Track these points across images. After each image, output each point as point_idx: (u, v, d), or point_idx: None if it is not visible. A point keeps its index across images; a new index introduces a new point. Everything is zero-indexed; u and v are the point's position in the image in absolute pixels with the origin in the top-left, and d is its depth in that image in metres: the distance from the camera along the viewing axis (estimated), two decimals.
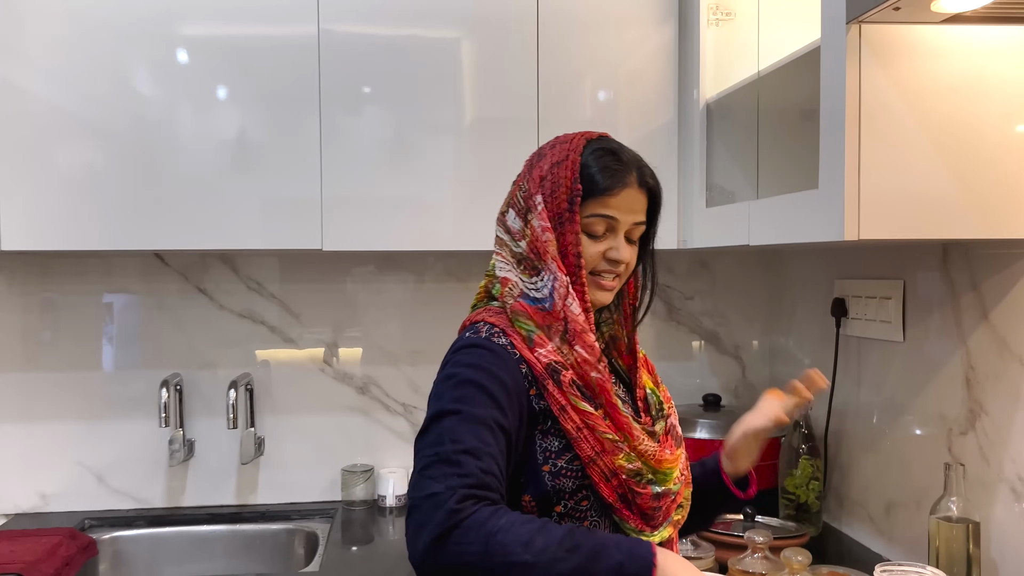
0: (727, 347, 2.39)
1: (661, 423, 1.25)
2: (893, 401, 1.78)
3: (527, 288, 1.20)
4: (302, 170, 1.90)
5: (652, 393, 1.29)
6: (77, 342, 2.18)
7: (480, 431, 1.07)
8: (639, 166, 1.24)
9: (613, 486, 1.15)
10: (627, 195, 1.20)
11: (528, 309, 1.18)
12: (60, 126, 1.83)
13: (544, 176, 1.21)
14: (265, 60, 1.88)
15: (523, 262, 1.21)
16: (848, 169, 1.28)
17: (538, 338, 1.17)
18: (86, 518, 2.12)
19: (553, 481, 1.15)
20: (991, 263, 1.50)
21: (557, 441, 1.15)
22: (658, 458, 1.18)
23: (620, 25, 1.99)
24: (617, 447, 1.15)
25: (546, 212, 1.19)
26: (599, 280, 1.21)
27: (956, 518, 1.46)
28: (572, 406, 1.14)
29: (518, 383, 1.14)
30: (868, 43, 1.27)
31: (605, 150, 1.22)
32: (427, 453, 1.07)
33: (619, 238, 1.21)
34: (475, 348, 1.15)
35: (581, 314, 1.17)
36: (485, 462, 1.05)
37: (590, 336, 1.17)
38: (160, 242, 1.87)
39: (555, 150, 1.23)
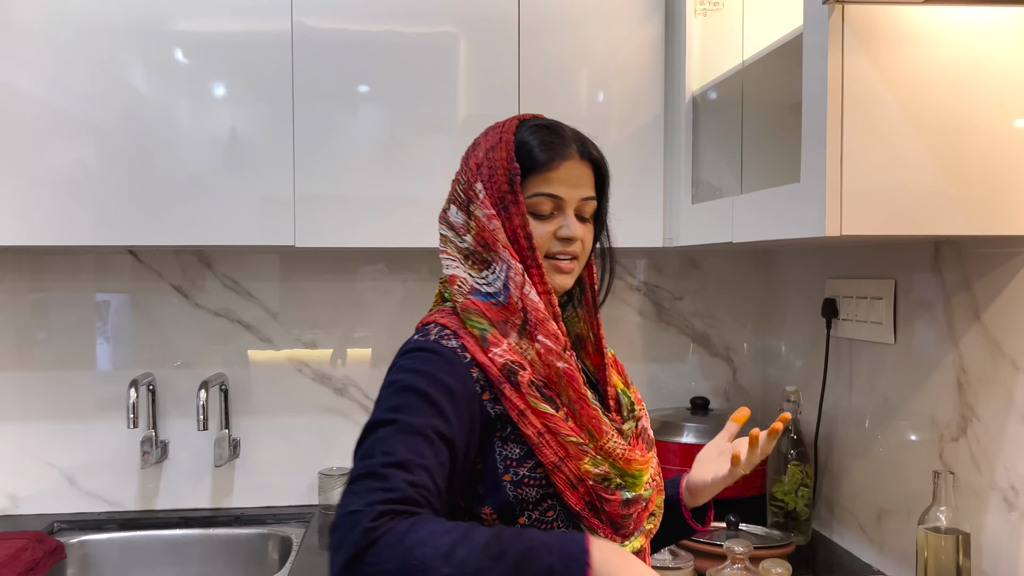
0: (718, 349, 2.33)
1: (631, 423, 1.19)
2: (884, 405, 1.71)
3: (478, 283, 1.13)
4: (278, 166, 1.85)
5: (623, 393, 1.23)
6: (49, 342, 2.13)
7: (415, 442, 1.00)
8: (579, 139, 1.19)
9: (580, 493, 1.09)
10: (569, 169, 1.15)
11: (480, 305, 1.12)
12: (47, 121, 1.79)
13: (480, 163, 1.16)
14: (245, 55, 1.83)
15: (471, 256, 1.15)
16: (830, 162, 1.21)
17: (492, 336, 1.10)
18: (56, 521, 2.07)
19: (515, 491, 1.08)
20: (984, 262, 1.44)
21: (518, 448, 1.08)
22: (627, 457, 1.11)
23: (606, 19, 1.92)
24: (582, 451, 1.08)
25: (488, 199, 1.13)
26: (556, 263, 1.15)
27: (945, 528, 1.39)
28: (532, 409, 1.08)
29: (468, 388, 1.07)
30: (852, 28, 1.20)
31: (539, 126, 1.17)
32: (357, 466, 1.00)
33: (568, 216, 1.15)
34: (421, 352, 1.09)
35: (540, 301, 1.11)
36: (416, 475, 0.98)
37: (552, 324, 1.10)
38: (148, 238, 1.82)
39: (488, 136, 1.18)
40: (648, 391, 2.30)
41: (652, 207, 1.95)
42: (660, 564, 1.49)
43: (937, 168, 1.23)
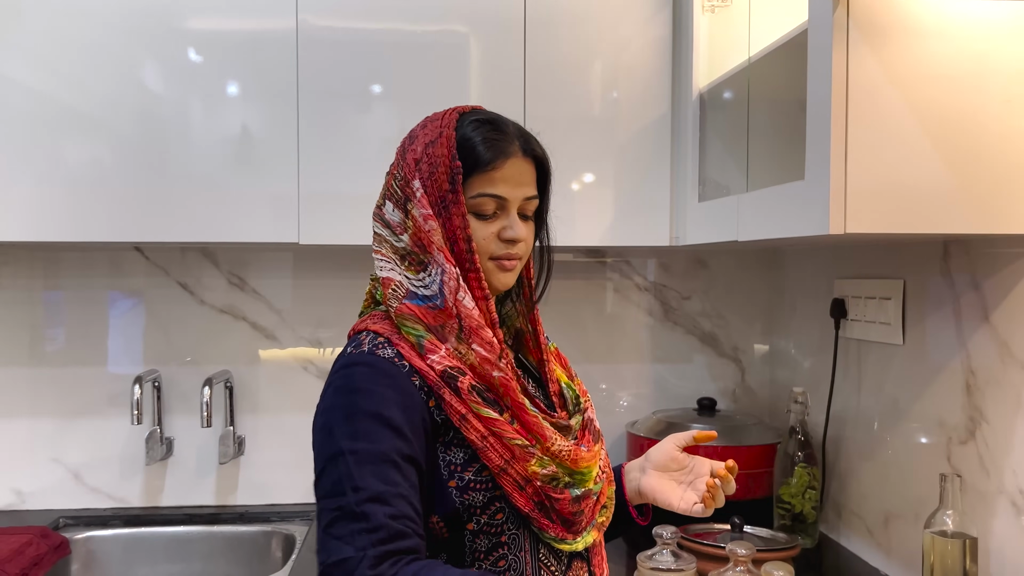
0: (725, 349, 2.31)
1: (578, 417, 1.16)
2: (892, 407, 1.69)
3: (414, 286, 1.08)
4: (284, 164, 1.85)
5: (567, 388, 1.20)
6: (59, 338, 2.14)
7: (384, 470, 0.96)
8: (522, 135, 1.14)
9: (528, 494, 1.05)
10: (513, 167, 1.10)
11: (416, 311, 1.07)
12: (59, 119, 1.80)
13: (419, 159, 1.10)
14: (252, 54, 1.83)
15: (407, 257, 1.10)
16: (834, 159, 1.19)
17: (429, 343, 1.06)
18: (61, 517, 2.07)
19: (461, 497, 1.04)
20: (993, 261, 1.41)
21: (461, 452, 1.05)
22: (574, 457, 1.08)
23: (613, 17, 1.91)
24: (528, 452, 1.05)
25: (426, 198, 1.08)
26: (499, 263, 1.11)
27: (951, 533, 1.37)
28: (474, 413, 1.04)
29: (414, 399, 1.03)
30: (857, 23, 1.18)
31: (481, 121, 1.11)
32: (329, 507, 0.95)
33: (512, 216, 1.11)
34: (358, 367, 1.03)
35: (475, 308, 1.07)
36: (395, 506, 0.94)
37: (487, 332, 1.07)
38: (158, 234, 1.83)
39: (427, 129, 1.12)
40: (655, 391, 2.28)
41: (659, 205, 1.94)
42: (663, 567, 1.48)
43: (943, 165, 1.21)
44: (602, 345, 2.27)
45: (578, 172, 1.93)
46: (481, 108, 1.16)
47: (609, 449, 2.24)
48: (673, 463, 1.26)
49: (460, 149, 1.09)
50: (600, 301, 2.28)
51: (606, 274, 2.27)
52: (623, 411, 2.28)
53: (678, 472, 1.26)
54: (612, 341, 2.28)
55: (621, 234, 1.94)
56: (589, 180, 1.93)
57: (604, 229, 1.95)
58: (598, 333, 2.27)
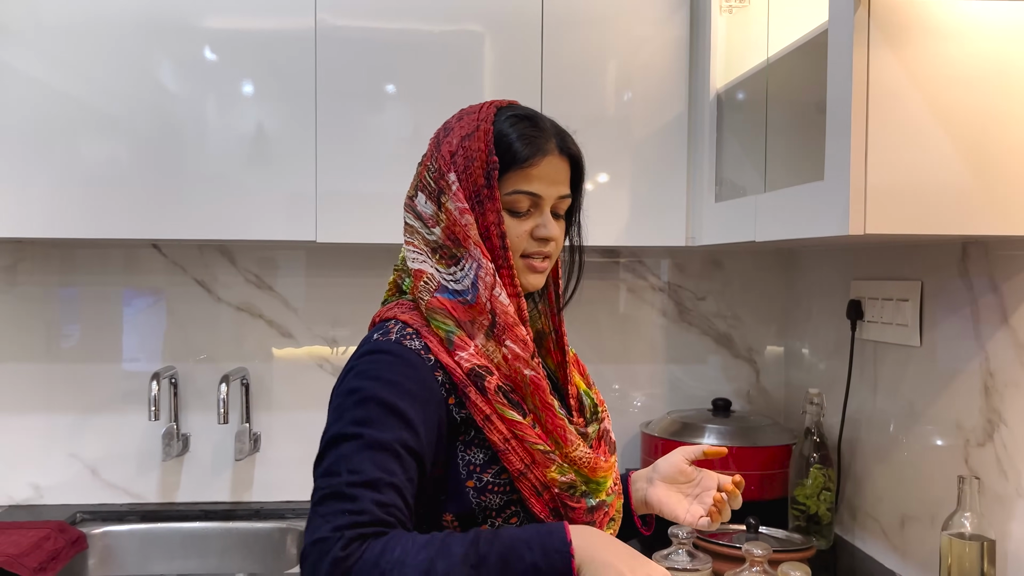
0: (740, 350, 2.30)
1: (595, 426, 1.15)
2: (909, 409, 1.68)
3: (445, 280, 1.07)
4: (302, 163, 1.86)
5: (585, 395, 1.19)
6: (75, 334, 2.15)
7: (383, 458, 0.95)
8: (559, 132, 1.13)
9: (545, 500, 1.05)
10: (549, 165, 1.09)
11: (447, 304, 1.06)
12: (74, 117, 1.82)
13: (455, 151, 1.08)
14: (270, 53, 1.85)
15: (439, 250, 1.09)
16: (854, 159, 1.19)
17: (459, 339, 1.05)
18: (78, 511, 2.09)
19: (478, 498, 1.03)
20: (1012, 263, 1.41)
21: (482, 453, 1.04)
22: (592, 465, 1.08)
23: (630, 17, 1.91)
24: (549, 459, 1.04)
25: (462, 191, 1.07)
26: (530, 262, 1.11)
27: (970, 535, 1.37)
28: (498, 415, 1.03)
29: (434, 394, 1.02)
30: (878, 23, 1.18)
31: (519, 116, 1.11)
32: (322, 485, 0.95)
33: (545, 214, 1.11)
34: (382, 355, 1.02)
35: (511, 304, 1.06)
36: (385, 494, 0.94)
37: (521, 329, 1.06)
38: (175, 232, 1.84)
39: (463, 122, 1.11)
40: (669, 391, 2.28)
41: (675, 206, 1.94)
42: (679, 566, 1.48)
43: (964, 166, 1.21)
44: (616, 345, 2.27)
45: (594, 172, 1.93)
46: (517, 103, 1.15)
47: (624, 449, 2.25)
48: (681, 476, 1.24)
49: (497, 144, 1.07)
50: (614, 301, 2.28)
51: (620, 274, 2.27)
52: (637, 411, 2.28)
53: (685, 485, 1.25)
54: (626, 341, 2.28)
55: (637, 234, 1.94)
56: (604, 180, 1.94)
57: (620, 229, 1.95)
58: (612, 333, 2.27)
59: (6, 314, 2.14)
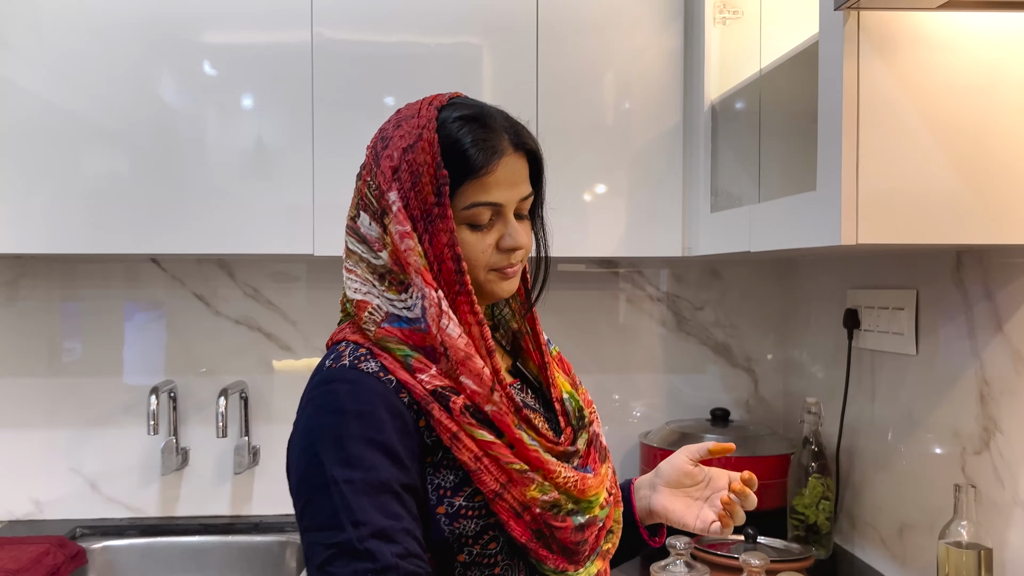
0: (739, 359, 2.30)
1: (584, 436, 1.05)
2: (906, 417, 1.68)
3: (396, 308, 0.97)
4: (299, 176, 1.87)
5: (571, 398, 1.08)
6: (76, 349, 2.16)
7: (385, 502, 0.86)
8: (511, 126, 1.01)
9: (526, 522, 0.94)
10: (506, 167, 0.97)
11: (399, 333, 0.95)
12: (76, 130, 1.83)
13: (396, 166, 0.96)
14: (268, 66, 1.86)
15: (387, 276, 0.98)
16: (846, 169, 1.20)
17: (416, 362, 0.94)
18: (78, 526, 2.09)
19: (451, 525, 0.92)
20: (1006, 271, 1.41)
21: (452, 475, 0.93)
22: (581, 487, 0.98)
23: (625, 28, 1.92)
24: (528, 477, 0.94)
25: (404, 212, 0.95)
26: (501, 273, 1.01)
27: (966, 544, 1.37)
28: (466, 433, 0.93)
29: (405, 419, 0.92)
30: (868, 34, 1.19)
31: (466, 118, 0.97)
32: (323, 541, 0.85)
33: (510, 222, 1.00)
34: (338, 384, 0.92)
35: (461, 337, 0.94)
36: (402, 543, 0.85)
37: (476, 362, 0.94)
38: (175, 246, 1.85)
39: (401, 130, 0.98)
40: (668, 401, 2.28)
41: (671, 216, 1.95)
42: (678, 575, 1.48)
43: (956, 176, 1.21)
44: (615, 355, 2.27)
45: (591, 182, 1.94)
46: (461, 96, 1.04)
47: (622, 460, 2.25)
48: (686, 478, 1.14)
49: (446, 154, 0.95)
50: (613, 311, 2.28)
51: (619, 284, 2.28)
52: (636, 421, 2.28)
53: (692, 488, 1.14)
54: (625, 351, 2.28)
55: (633, 245, 1.95)
56: (602, 191, 1.94)
57: (617, 240, 1.95)
58: (611, 343, 2.27)
59: (8, 329, 2.14)
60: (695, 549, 1.62)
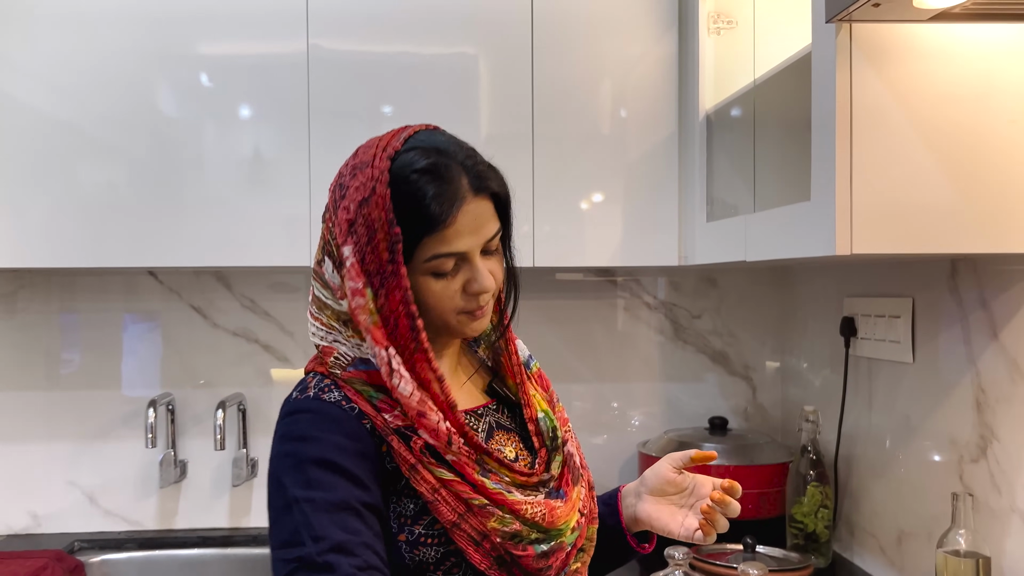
0: (737, 367, 2.31)
1: (558, 458, 1.05)
2: (904, 425, 1.68)
3: (361, 352, 0.98)
4: (296, 187, 1.87)
5: (546, 417, 1.08)
6: (74, 362, 2.16)
7: (344, 518, 0.88)
8: (472, 168, 0.97)
9: (485, 550, 0.95)
10: (467, 215, 0.95)
11: (365, 376, 0.97)
12: None
13: (353, 219, 0.94)
14: (264, 77, 1.87)
15: (350, 323, 0.99)
16: (839, 180, 1.20)
17: (381, 403, 0.96)
18: (76, 540, 2.08)
19: (411, 552, 0.94)
20: (1001, 279, 1.41)
21: (412, 503, 0.95)
22: (549, 520, 0.98)
23: (620, 38, 1.93)
24: (487, 511, 0.94)
25: (357, 267, 0.94)
26: (471, 314, 1.00)
27: (964, 552, 1.37)
28: (423, 467, 0.94)
29: (366, 443, 0.94)
30: (860, 45, 1.19)
31: (422, 169, 0.94)
32: (285, 557, 0.89)
33: (475, 266, 0.98)
34: (302, 414, 0.95)
35: (415, 394, 0.93)
36: (360, 556, 0.87)
37: (430, 419, 0.94)
38: (173, 259, 1.85)
39: (357, 180, 0.96)
40: (666, 410, 2.29)
41: (667, 225, 1.95)
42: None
43: (949, 185, 1.22)
44: (613, 364, 2.28)
45: (587, 191, 1.94)
46: (421, 131, 1.00)
47: (621, 469, 2.25)
48: (670, 486, 1.14)
49: (402, 209, 0.93)
50: (610, 320, 2.28)
51: (616, 293, 2.28)
52: (635, 431, 2.28)
53: (676, 495, 1.14)
54: (623, 360, 2.28)
55: (630, 254, 1.95)
56: (598, 200, 1.95)
57: (613, 249, 1.96)
58: (609, 352, 2.28)
59: (6, 342, 2.14)
60: (694, 559, 1.62)
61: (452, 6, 1.89)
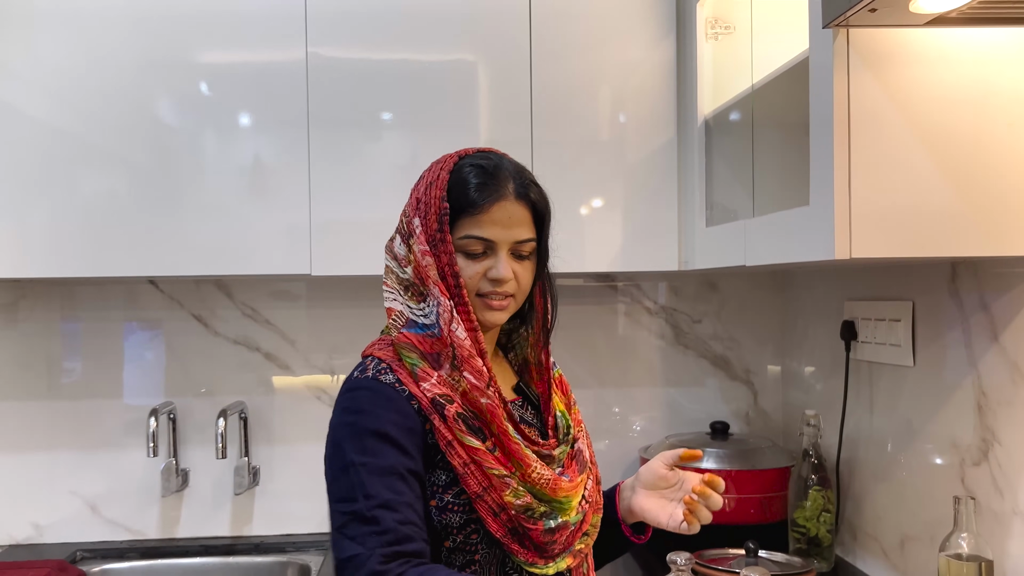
0: (738, 372, 2.30)
1: (564, 447, 1.21)
2: (905, 429, 1.68)
3: (415, 315, 1.17)
4: (296, 195, 1.88)
5: (562, 417, 1.25)
6: (76, 371, 2.16)
7: (392, 482, 1.06)
8: (519, 178, 1.19)
9: (502, 520, 1.12)
10: (502, 210, 1.16)
11: (413, 339, 1.15)
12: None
13: (420, 198, 1.18)
14: (264, 86, 1.87)
15: (410, 288, 1.18)
16: (838, 184, 1.20)
17: (421, 371, 1.14)
18: (79, 549, 2.08)
19: (440, 516, 1.12)
20: (1001, 282, 1.41)
21: (444, 475, 1.12)
22: (553, 487, 1.14)
23: (618, 44, 1.94)
24: (505, 483, 1.11)
25: (424, 235, 1.16)
26: (486, 301, 1.17)
27: (967, 556, 1.36)
28: (458, 441, 1.11)
29: (413, 420, 1.11)
30: (857, 49, 1.20)
31: (476, 165, 1.18)
32: (341, 510, 1.06)
33: (499, 257, 1.17)
34: (362, 392, 1.13)
35: (467, 338, 1.13)
36: (402, 513, 1.04)
37: (478, 361, 1.13)
38: (174, 268, 1.86)
39: (431, 171, 1.20)
40: (667, 415, 2.28)
41: (667, 230, 1.95)
42: None
43: (948, 189, 1.22)
44: (614, 369, 2.28)
45: (587, 197, 1.95)
46: (490, 151, 1.22)
47: (623, 474, 2.24)
48: (662, 481, 1.28)
49: (452, 191, 1.16)
50: (611, 325, 2.28)
51: (617, 298, 2.28)
52: (636, 436, 2.28)
53: (667, 490, 1.28)
54: (624, 365, 2.28)
55: (630, 259, 1.95)
56: (598, 205, 1.95)
57: (613, 254, 1.96)
58: (610, 357, 2.28)
59: (8, 352, 2.15)
60: (696, 564, 1.62)
61: (451, 13, 1.90)
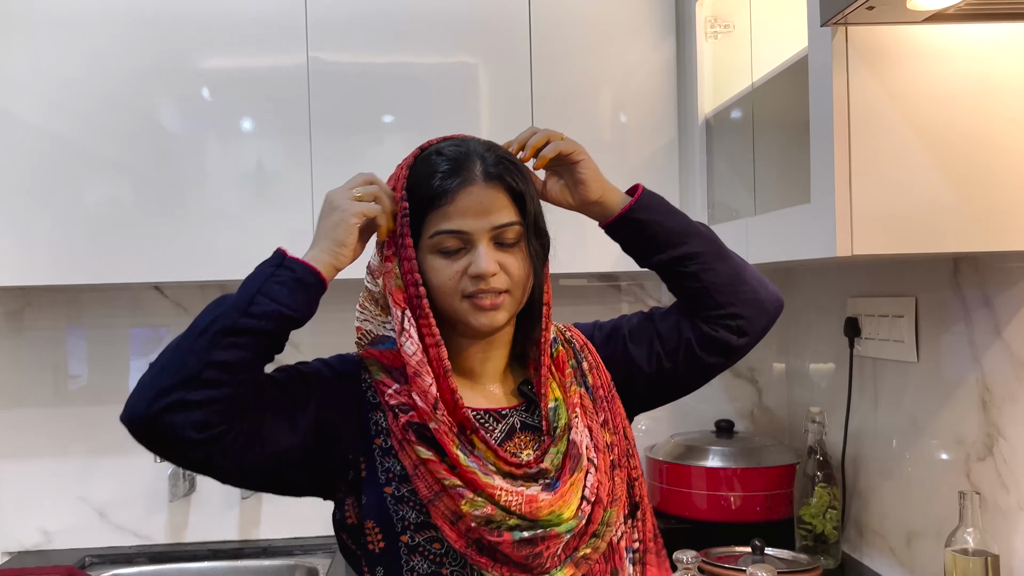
0: (742, 370, 2.31)
1: (553, 451, 1.03)
2: (910, 425, 1.68)
3: (385, 330, 1.11)
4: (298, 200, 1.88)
5: (557, 406, 1.07)
6: (81, 376, 2.17)
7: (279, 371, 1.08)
8: (487, 157, 1.03)
9: (460, 531, 0.98)
10: (470, 196, 1.00)
11: (375, 354, 1.07)
12: None
13: None
14: (265, 91, 1.88)
15: (380, 300, 1.10)
16: (839, 181, 1.21)
17: (383, 381, 1.05)
18: (87, 555, 2.09)
19: (396, 506, 1.00)
20: (1003, 277, 1.41)
21: (399, 465, 1.01)
22: (529, 509, 0.97)
23: (618, 45, 1.94)
24: (458, 493, 0.97)
25: (388, 239, 1.05)
26: (475, 302, 1.01)
27: (973, 551, 1.37)
28: (409, 443, 1.00)
29: (349, 388, 1.06)
30: (855, 47, 1.20)
31: (438, 152, 1.04)
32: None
33: (478, 249, 1.01)
34: (319, 360, 1.11)
35: (415, 355, 0.99)
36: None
37: (424, 380, 0.98)
38: (178, 274, 1.87)
39: (395, 170, 1.08)
40: (672, 414, 2.28)
41: None
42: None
43: (949, 185, 1.22)
44: None
45: None
46: (458, 136, 1.08)
47: None
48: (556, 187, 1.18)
49: (413, 186, 1.02)
50: None
51: (620, 298, 2.29)
52: (642, 435, 2.28)
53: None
54: None
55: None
56: None
57: (616, 254, 1.93)
58: None
59: (14, 359, 2.16)
60: (702, 563, 1.62)
61: (451, 16, 1.90)
